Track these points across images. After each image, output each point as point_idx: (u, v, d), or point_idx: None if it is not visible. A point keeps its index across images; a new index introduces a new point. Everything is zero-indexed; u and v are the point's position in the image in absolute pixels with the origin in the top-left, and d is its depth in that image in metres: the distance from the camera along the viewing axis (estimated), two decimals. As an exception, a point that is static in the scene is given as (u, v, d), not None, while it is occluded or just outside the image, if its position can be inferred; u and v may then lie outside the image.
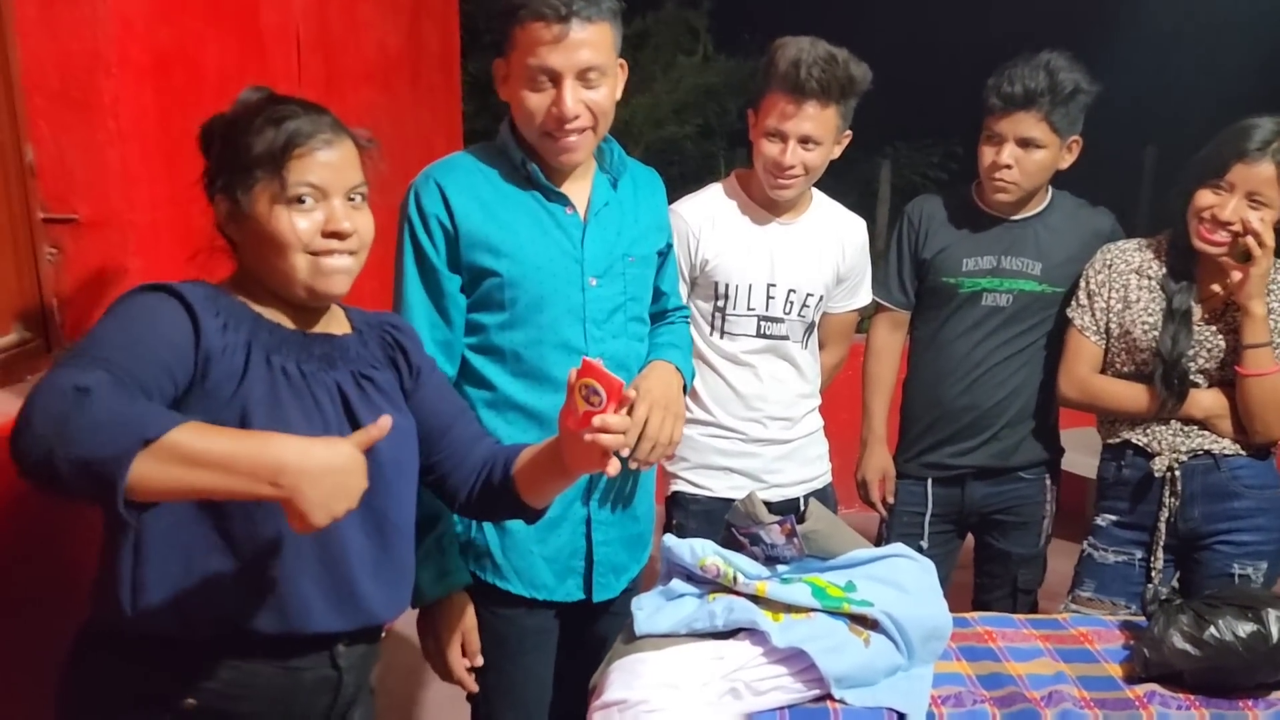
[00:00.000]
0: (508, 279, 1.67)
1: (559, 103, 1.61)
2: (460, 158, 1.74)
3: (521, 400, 1.72)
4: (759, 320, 2.15)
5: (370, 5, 3.07)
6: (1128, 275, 2.14)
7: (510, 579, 1.75)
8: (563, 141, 1.65)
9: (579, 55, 1.60)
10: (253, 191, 1.31)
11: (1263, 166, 1.92)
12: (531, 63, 1.61)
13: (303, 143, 1.32)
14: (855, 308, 2.35)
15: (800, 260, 2.17)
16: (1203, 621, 1.57)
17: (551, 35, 1.58)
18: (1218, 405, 2.07)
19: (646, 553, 1.93)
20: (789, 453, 2.20)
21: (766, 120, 2.07)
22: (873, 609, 1.61)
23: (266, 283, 1.36)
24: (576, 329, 1.72)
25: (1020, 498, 2.35)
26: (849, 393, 2.61)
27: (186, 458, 1.05)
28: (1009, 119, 2.16)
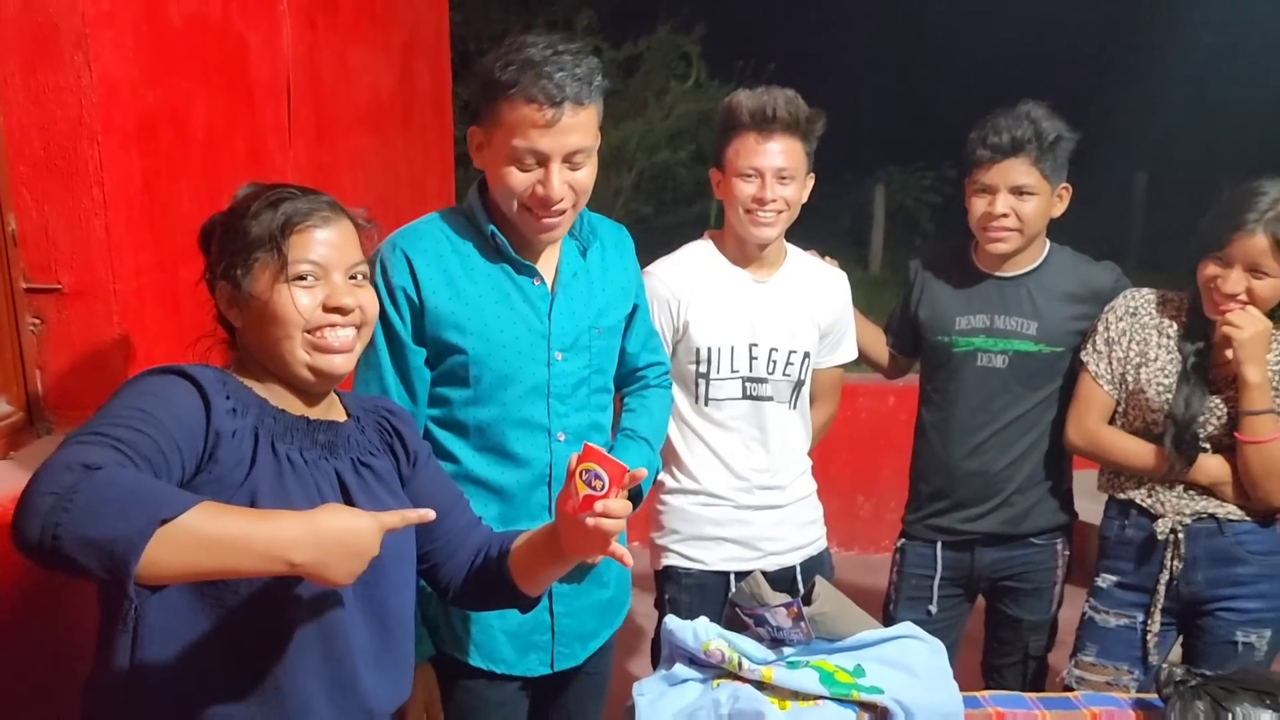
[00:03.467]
0: (473, 356, 1.64)
1: (546, 185, 1.57)
2: (427, 225, 1.70)
3: (484, 475, 1.68)
4: (743, 382, 2.10)
5: (361, 48, 3.03)
6: (1149, 330, 2.10)
7: (470, 653, 1.71)
8: (545, 221, 1.62)
9: (568, 140, 1.56)
10: (253, 272, 1.31)
11: (1258, 239, 1.89)
12: (519, 144, 1.57)
13: (301, 221, 1.32)
14: (839, 363, 2.31)
15: (780, 318, 2.13)
16: (1221, 710, 1.53)
17: (544, 120, 1.54)
18: (1223, 471, 2.03)
19: (620, 617, 1.90)
20: (782, 519, 2.15)
21: (738, 163, 2.04)
22: (883, 696, 1.56)
23: (269, 366, 1.34)
24: (540, 405, 1.68)
25: (1031, 564, 2.30)
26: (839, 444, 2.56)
27: (202, 540, 1.04)
28: (999, 168, 2.13)
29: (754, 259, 2.14)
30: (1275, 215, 1.89)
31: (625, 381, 1.92)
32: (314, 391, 1.38)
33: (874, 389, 4.32)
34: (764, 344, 2.11)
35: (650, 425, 1.89)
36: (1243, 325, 1.92)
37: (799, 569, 2.16)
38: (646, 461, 1.82)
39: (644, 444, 1.85)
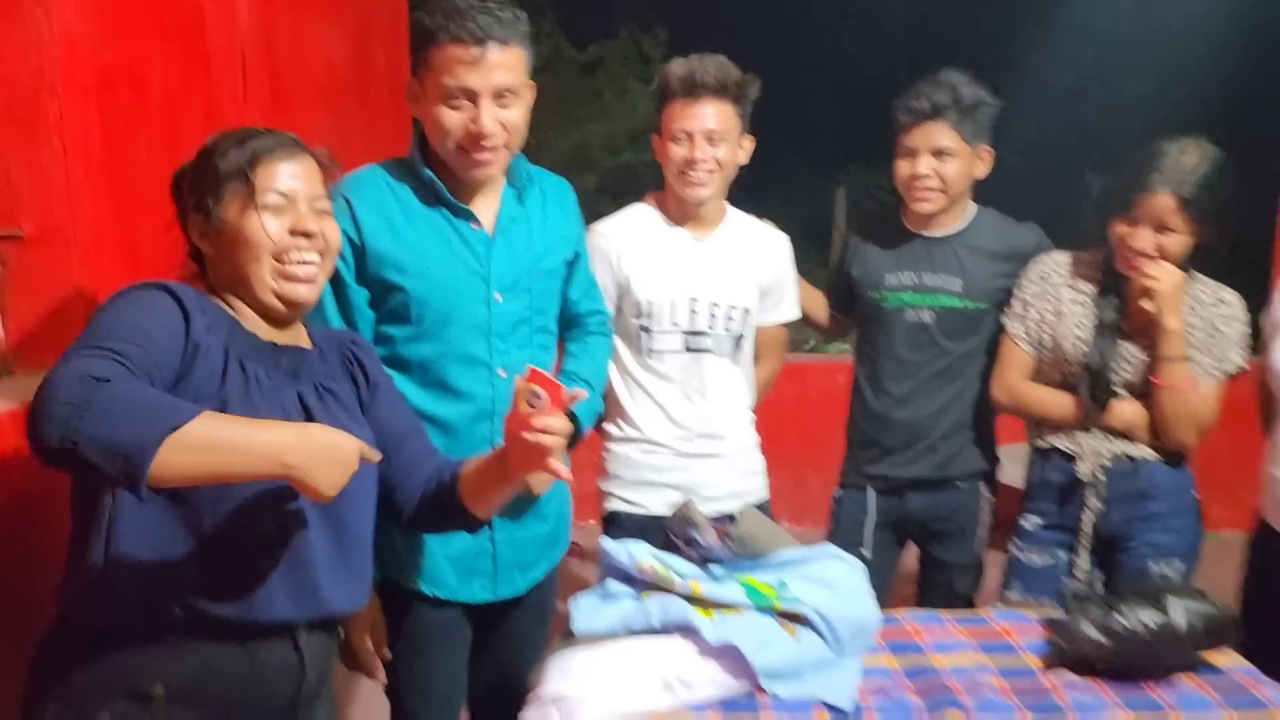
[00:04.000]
0: (414, 295, 1.73)
1: (477, 121, 1.67)
2: (370, 173, 1.80)
3: (428, 410, 1.77)
4: (684, 335, 2.21)
5: (318, 26, 3.11)
6: (1061, 288, 2.23)
7: (414, 578, 1.80)
8: (478, 157, 1.72)
9: (495, 76, 1.67)
10: (224, 201, 1.42)
11: (1162, 198, 2.03)
12: (449, 82, 1.67)
13: (267, 154, 1.43)
14: (782, 321, 2.42)
15: (719, 274, 2.25)
16: (1111, 612, 1.65)
17: (470, 57, 1.65)
18: (1138, 416, 2.17)
19: (560, 551, 2.00)
20: (721, 466, 2.27)
21: (671, 126, 2.17)
22: (801, 605, 1.67)
23: (239, 292, 1.44)
24: (481, 343, 1.78)
25: (956, 507, 2.43)
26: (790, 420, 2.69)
27: (207, 444, 1.16)
28: (920, 131, 2.26)
29: (692, 217, 2.26)
30: (1177, 174, 2.03)
31: (567, 327, 2.02)
32: (281, 319, 1.47)
33: (823, 367, 4.46)
34: (703, 299, 2.22)
35: (591, 368, 2.00)
36: (1161, 278, 2.05)
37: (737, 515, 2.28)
38: (585, 404, 1.91)
39: (585, 385, 1.95)
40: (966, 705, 1.57)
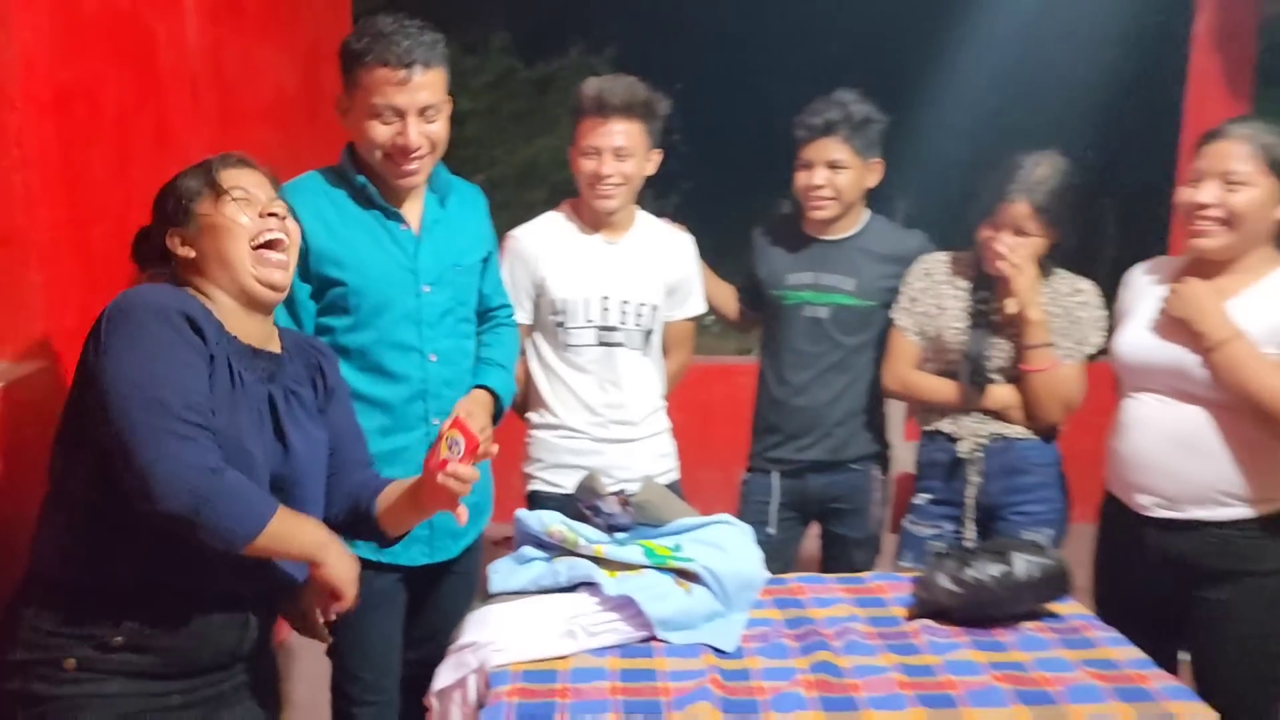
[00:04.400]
0: (351, 287, 1.94)
1: (405, 135, 1.89)
2: (308, 180, 2.01)
3: (368, 392, 1.98)
4: (597, 330, 2.42)
5: (267, 48, 3.29)
6: (942, 285, 2.47)
7: (358, 544, 1.98)
8: (405, 167, 1.94)
9: (419, 96, 1.90)
10: (196, 203, 1.62)
11: (1019, 206, 2.28)
12: (378, 102, 1.89)
13: (222, 165, 1.66)
14: (689, 316, 2.64)
15: (630, 274, 2.45)
16: (963, 565, 1.88)
17: (397, 79, 1.87)
18: (1010, 398, 2.41)
19: (484, 520, 2.22)
20: (633, 450, 2.47)
21: (582, 142, 2.38)
22: (694, 564, 1.88)
23: (222, 283, 1.61)
24: (412, 331, 1.99)
25: (852, 487, 2.66)
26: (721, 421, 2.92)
27: (276, 536, 1.49)
28: (815, 145, 2.49)
29: (604, 224, 2.48)
30: (1031, 185, 2.28)
31: (481, 319, 2.23)
32: (262, 306, 1.65)
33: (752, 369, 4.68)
34: (615, 297, 2.43)
35: (504, 353, 2.22)
36: (1019, 270, 2.29)
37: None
38: (503, 383, 2.15)
39: (500, 369, 2.17)
40: (834, 647, 1.79)
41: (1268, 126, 1.97)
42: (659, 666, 1.72)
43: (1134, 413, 2.08)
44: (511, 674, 1.68)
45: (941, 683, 1.68)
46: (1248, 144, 1.96)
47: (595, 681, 1.66)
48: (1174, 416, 2.00)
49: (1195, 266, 2.06)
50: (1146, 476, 2.04)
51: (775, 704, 1.60)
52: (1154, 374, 2.05)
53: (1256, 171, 1.95)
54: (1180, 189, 2.05)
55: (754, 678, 1.69)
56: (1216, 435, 1.96)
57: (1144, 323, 2.08)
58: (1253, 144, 1.95)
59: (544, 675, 1.68)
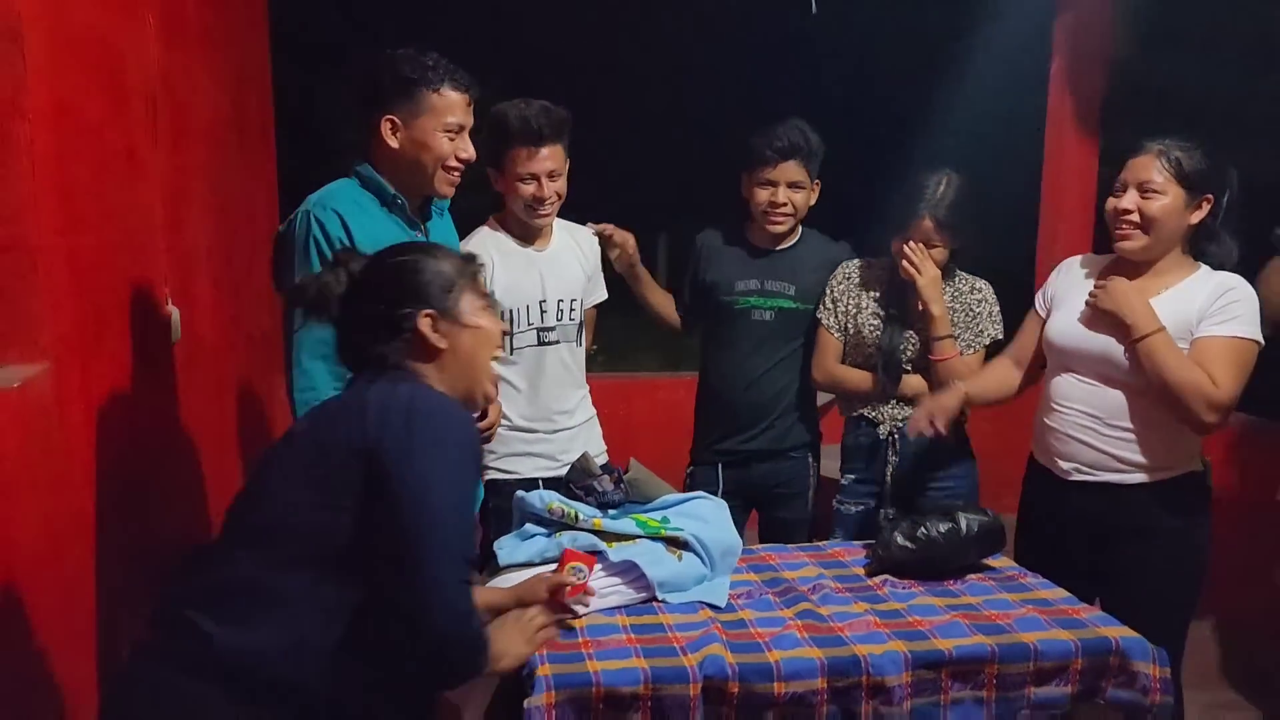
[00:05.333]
0: None
1: (466, 148, 2.22)
2: (340, 190, 2.17)
3: None
4: (537, 332, 2.68)
5: (204, 70, 3.36)
6: (859, 288, 2.77)
7: None
8: (457, 175, 2.24)
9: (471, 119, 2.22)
10: (460, 296, 1.68)
11: (926, 222, 2.60)
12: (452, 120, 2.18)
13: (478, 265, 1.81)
14: (596, 302, 2.89)
15: (559, 275, 2.71)
16: (916, 525, 2.15)
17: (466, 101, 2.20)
18: (921, 385, 2.71)
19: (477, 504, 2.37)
20: (574, 435, 2.73)
21: (517, 169, 2.59)
22: (683, 533, 2.09)
23: (452, 384, 1.66)
24: None
25: (791, 473, 2.92)
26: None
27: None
28: (781, 167, 2.76)
29: (534, 236, 2.71)
30: (934, 203, 2.60)
31: None
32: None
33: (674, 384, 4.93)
34: (551, 299, 2.68)
35: None
36: (923, 274, 2.60)
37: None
38: None
39: None
40: (811, 599, 2.03)
41: (1179, 142, 2.23)
42: (665, 621, 1.92)
43: (1061, 390, 2.37)
44: (535, 633, 1.84)
45: (910, 622, 1.93)
46: (1161, 157, 2.22)
47: (612, 635, 1.85)
48: (1095, 395, 2.29)
49: (1119, 265, 2.36)
50: (1069, 446, 2.33)
51: (776, 643, 1.82)
52: (1081, 358, 2.33)
53: (1168, 181, 2.20)
54: (1108, 199, 2.32)
55: (750, 626, 1.91)
56: (1129, 413, 2.25)
57: (1074, 312, 2.37)
58: (1165, 157, 2.21)
59: (565, 633, 1.85)
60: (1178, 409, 2.19)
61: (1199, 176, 2.21)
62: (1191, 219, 2.24)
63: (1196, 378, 2.14)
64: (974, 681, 1.82)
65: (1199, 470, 2.30)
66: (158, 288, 2.71)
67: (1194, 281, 2.25)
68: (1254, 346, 2.19)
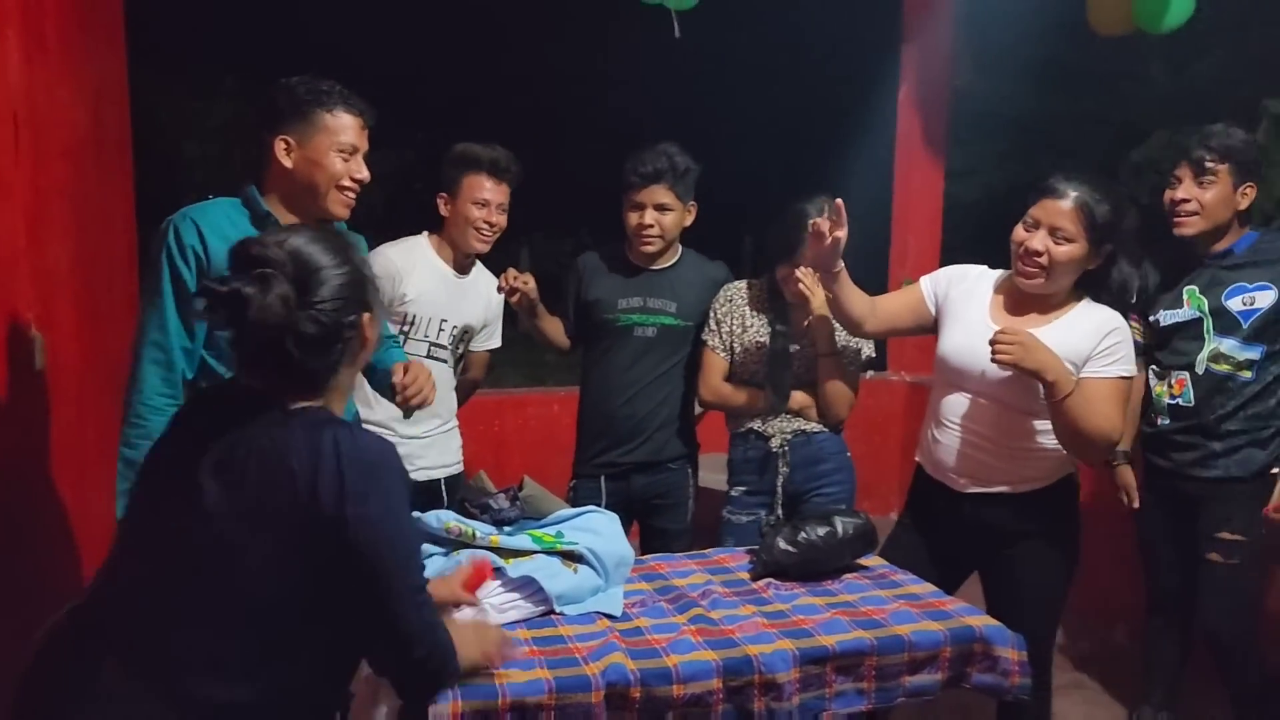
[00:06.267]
0: None
1: (360, 169, 2.25)
2: (210, 205, 2.22)
3: None
4: (429, 345, 2.87)
5: (66, 88, 3.25)
6: (743, 308, 2.90)
7: None
8: (350, 196, 2.26)
9: (365, 140, 2.26)
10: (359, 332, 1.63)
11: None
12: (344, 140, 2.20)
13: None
14: (491, 348, 3.19)
15: (467, 305, 2.97)
16: (796, 530, 2.29)
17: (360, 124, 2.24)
18: (807, 400, 2.86)
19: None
20: (430, 443, 2.92)
21: (472, 194, 2.85)
22: (578, 546, 2.16)
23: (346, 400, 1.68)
24: None
25: (670, 483, 3.02)
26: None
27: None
28: (646, 191, 2.87)
29: (462, 264, 2.90)
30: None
31: None
32: None
33: (541, 399, 4.99)
34: (450, 322, 2.88)
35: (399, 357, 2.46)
36: (815, 297, 2.73)
37: (442, 483, 2.94)
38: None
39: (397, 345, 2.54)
40: (702, 604, 2.13)
41: (1092, 189, 2.29)
42: (565, 633, 1.98)
43: (953, 408, 2.47)
44: (438, 650, 1.88)
45: (795, 622, 2.06)
46: (1075, 204, 2.28)
47: (515, 649, 1.90)
48: (989, 414, 2.41)
49: (1013, 291, 2.46)
50: (964, 461, 2.46)
51: (673, 648, 1.91)
52: (976, 380, 2.42)
53: (1079, 231, 2.28)
54: (1016, 229, 2.39)
55: (647, 633, 1.99)
56: (1023, 432, 2.40)
57: (971, 334, 2.41)
58: (1079, 205, 2.28)
59: (467, 648, 1.90)
60: (1082, 452, 2.35)
61: (1107, 229, 2.31)
62: (1090, 265, 2.37)
63: (1103, 426, 2.27)
64: (855, 674, 1.95)
65: (1073, 472, 2.49)
66: (21, 313, 2.62)
67: (1077, 314, 2.39)
68: (1131, 383, 2.41)
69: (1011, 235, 2.39)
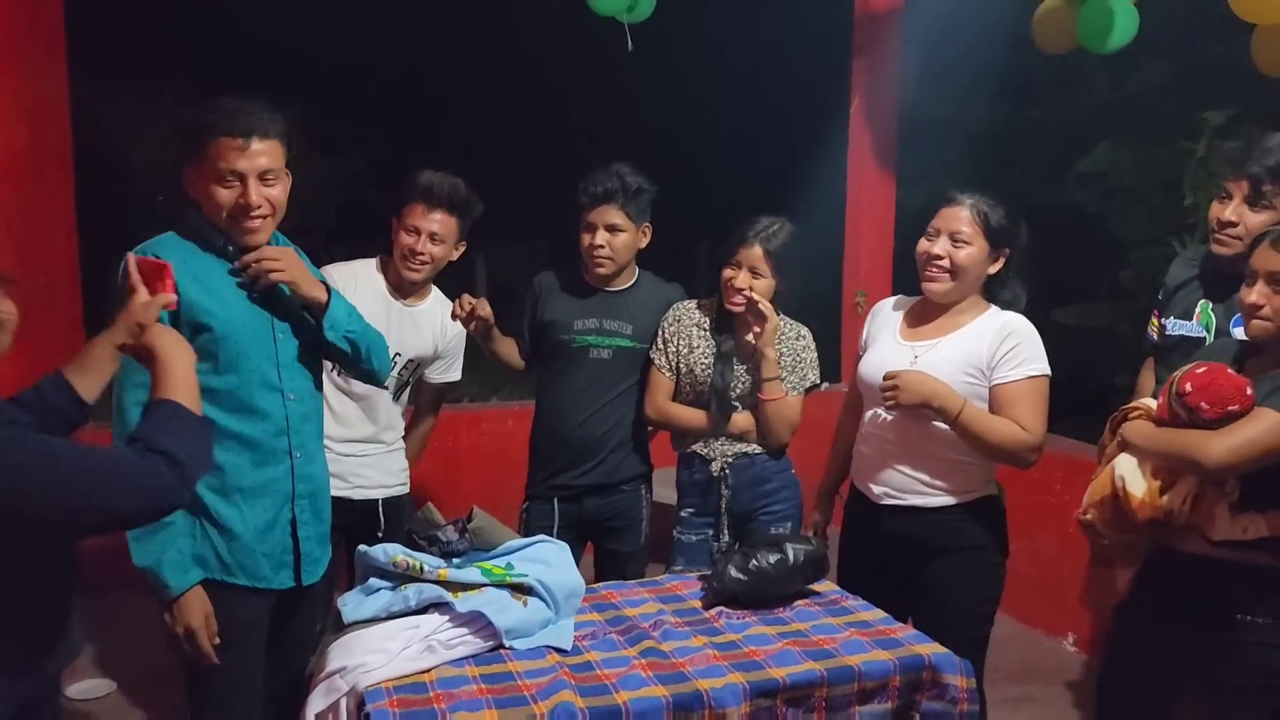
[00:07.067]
0: (219, 333, 2.05)
1: (245, 196, 2.05)
2: (168, 239, 2.11)
3: (236, 429, 2.08)
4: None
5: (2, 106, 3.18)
6: (690, 328, 2.89)
7: (237, 574, 2.08)
8: (247, 224, 2.09)
9: (259, 161, 2.06)
10: None
11: (755, 249, 2.75)
12: (222, 167, 2.04)
13: None
14: (447, 381, 3.14)
15: (414, 335, 2.90)
16: (747, 557, 2.29)
17: (237, 146, 2.03)
18: (750, 423, 2.86)
19: (330, 547, 2.33)
20: (371, 463, 2.89)
21: (408, 221, 2.81)
22: (527, 578, 2.14)
23: None
24: (272, 372, 2.13)
25: (624, 505, 3.01)
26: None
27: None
28: (597, 211, 2.86)
29: (406, 290, 2.87)
30: (764, 234, 2.76)
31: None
32: None
33: (495, 414, 4.96)
34: (392, 349, 2.74)
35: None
36: (768, 319, 2.74)
37: (380, 503, 2.90)
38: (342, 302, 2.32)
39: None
40: (654, 636, 2.12)
41: (986, 197, 2.45)
42: (514, 669, 1.96)
43: (871, 422, 2.57)
44: (385, 690, 1.86)
45: (747, 653, 2.06)
46: (970, 210, 2.42)
47: (463, 686, 1.88)
48: (900, 427, 2.49)
49: (924, 305, 2.56)
50: (880, 472, 2.53)
51: (623, 684, 1.90)
52: (878, 392, 2.48)
53: (976, 233, 2.41)
54: (920, 241, 2.50)
55: (597, 668, 1.98)
56: (931, 443, 2.45)
57: (879, 350, 2.58)
58: (974, 211, 2.42)
59: (415, 687, 1.88)
60: (1003, 461, 2.44)
61: (1002, 232, 2.44)
62: (990, 269, 2.48)
63: (1011, 433, 2.37)
64: (806, 705, 1.96)
65: (994, 494, 2.53)
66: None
67: (980, 322, 2.48)
68: (1045, 381, 2.43)
69: (916, 249, 2.52)
